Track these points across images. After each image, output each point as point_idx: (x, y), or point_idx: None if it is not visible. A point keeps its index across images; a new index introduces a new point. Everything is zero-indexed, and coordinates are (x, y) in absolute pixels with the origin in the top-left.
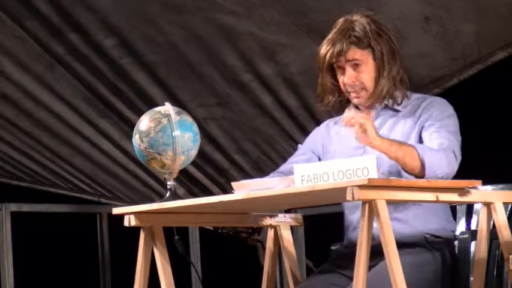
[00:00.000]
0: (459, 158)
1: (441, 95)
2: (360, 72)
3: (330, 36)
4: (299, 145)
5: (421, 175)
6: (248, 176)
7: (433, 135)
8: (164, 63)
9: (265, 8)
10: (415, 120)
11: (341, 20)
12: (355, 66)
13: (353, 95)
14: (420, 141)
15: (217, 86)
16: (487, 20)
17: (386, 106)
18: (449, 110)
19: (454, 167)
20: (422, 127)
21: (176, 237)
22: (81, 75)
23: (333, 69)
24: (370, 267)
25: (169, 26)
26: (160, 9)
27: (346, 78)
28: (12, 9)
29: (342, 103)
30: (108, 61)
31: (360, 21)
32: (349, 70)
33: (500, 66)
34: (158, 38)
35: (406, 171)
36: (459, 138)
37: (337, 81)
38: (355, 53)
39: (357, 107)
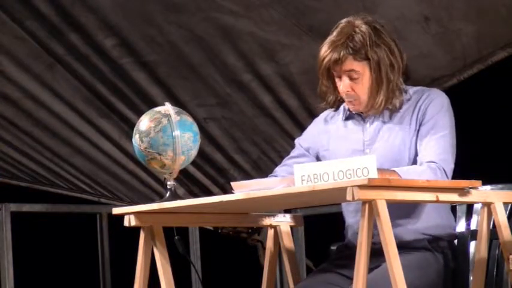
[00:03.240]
0: (450, 171)
1: None
2: (356, 83)
3: (331, 37)
4: (296, 141)
5: None
6: (248, 176)
7: (427, 146)
8: (164, 63)
9: (265, 8)
10: (414, 120)
11: (343, 21)
12: (352, 76)
13: (348, 103)
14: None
15: (217, 86)
16: (487, 20)
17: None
18: (444, 105)
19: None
20: (419, 131)
21: (176, 237)
22: (81, 75)
23: (331, 71)
24: (370, 269)
25: (169, 26)
26: (160, 9)
27: (342, 87)
28: (12, 9)
29: (342, 101)
30: (108, 61)
31: (361, 28)
32: (345, 79)
33: (500, 66)
34: (158, 38)
35: None
36: (454, 140)
37: (335, 83)
38: (352, 64)
39: None
